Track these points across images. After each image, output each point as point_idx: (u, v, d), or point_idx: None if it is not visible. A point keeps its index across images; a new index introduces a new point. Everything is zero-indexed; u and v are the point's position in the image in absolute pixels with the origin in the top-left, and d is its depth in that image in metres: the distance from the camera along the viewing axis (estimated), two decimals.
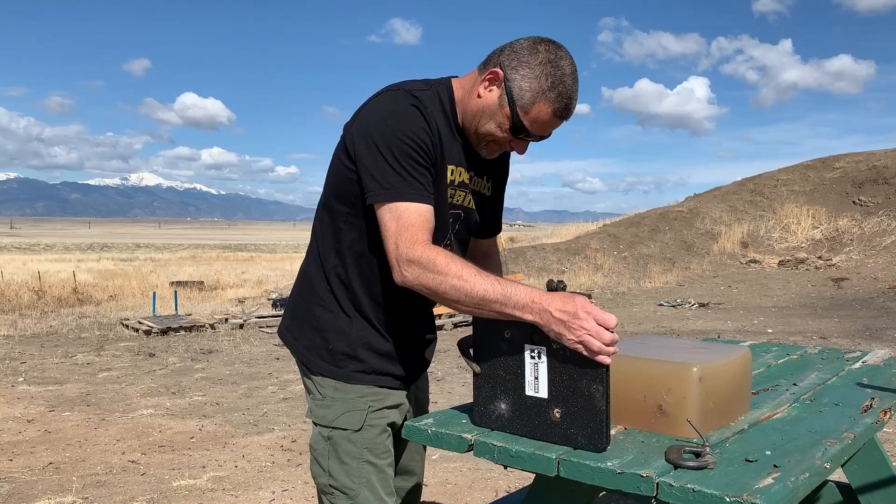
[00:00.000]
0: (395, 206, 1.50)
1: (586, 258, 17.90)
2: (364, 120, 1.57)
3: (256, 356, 8.43)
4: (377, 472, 1.66)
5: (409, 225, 1.49)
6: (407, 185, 1.50)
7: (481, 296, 1.41)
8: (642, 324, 10.81)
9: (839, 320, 10.87)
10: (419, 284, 1.48)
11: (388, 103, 1.56)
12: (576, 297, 1.38)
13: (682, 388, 1.46)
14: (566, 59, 1.55)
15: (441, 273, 1.44)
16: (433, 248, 1.48)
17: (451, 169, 1.64)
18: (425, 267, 1.45)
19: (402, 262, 1.48)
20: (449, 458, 4.36)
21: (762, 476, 1.24)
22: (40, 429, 5.24)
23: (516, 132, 1.59)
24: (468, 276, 1.43)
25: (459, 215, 1.71)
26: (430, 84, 1.64)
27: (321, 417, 1.70)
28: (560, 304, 1.37)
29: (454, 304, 1.46)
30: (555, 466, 1.36)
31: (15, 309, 12.84)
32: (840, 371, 2.16)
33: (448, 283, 1.44)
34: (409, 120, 1.53)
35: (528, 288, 1.42)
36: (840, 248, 18.34)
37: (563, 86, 1.54)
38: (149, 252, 47.47)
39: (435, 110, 1.59)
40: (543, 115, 1.55)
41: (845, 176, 21.37)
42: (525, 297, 1.40)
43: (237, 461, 4.48)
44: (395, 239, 1.49)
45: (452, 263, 1.45)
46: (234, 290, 16.64)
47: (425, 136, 1.53)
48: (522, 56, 1.55)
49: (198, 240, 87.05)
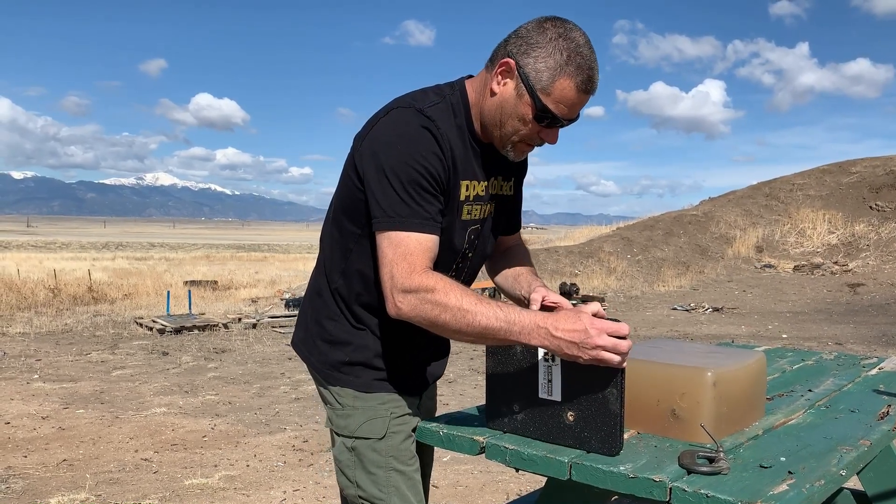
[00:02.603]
0: (395, 234, 1.44)
1: (599, 261, 17.84)
2: (373, 141, 1.50)
3: (269, 356, 8.46)
4: (405, 479, 1.62)
5: (407, 254, 1.42)
6: (412, 213, 1.44)
7: (484, 325, 1.36)
8: (655, 328, 10.76)
9: (855, 326, 10.77)
10: (416, 316, 1.41)
11: (400, 125, 1.48)
12: (581, 314, 1.34)
13: (695, 392, 1.45)
14: (576, 31, 1.47)
15: (439, 304, 1.38)
16: (432, 275, 1.41)
17: (466, 184, 1.57)
18: (422, 297, 1.39)
19: (396, 292, 1.41)
20: (460, 461, 4.36)
21: (777, 482, 1.23)
22: (55, 426, 5.28)
23: (542, 119, 1.50)
24: (469, 306, 1.36)
25: (478, 230, 1.65)
26: (442, 94, 1.56)
27: (342, 428, 1.65)
28: (568, 325, 1.32)
29: (455, 334, 1.41)
30: (567, 470, 1.35)
31: (31, 306, 12.96)
32: (856, 377, 2.14)
33: (448, 314, 1.37)
34: (420, 144, 1.46)
35: (533, 312, 1.38)
36: (856, 254, 18.17)
37: (580, 57, 1.45)
38: (163, 251, 47.79)
39: (448, 127, 1.52)
40: (568, 91, 1.47)
41: (862, 181, 21.18)
42: (529, 321, 1.35)
43: (249, 460, 4.50)
44: (390, 268, 1.42)
45: (452, 292, 1.38)
46: (248, 290, 16.71)
47: (436, 161, 1.47)
48: (530, 38, 1.47)
49: (212, 240, 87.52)
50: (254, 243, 73.83)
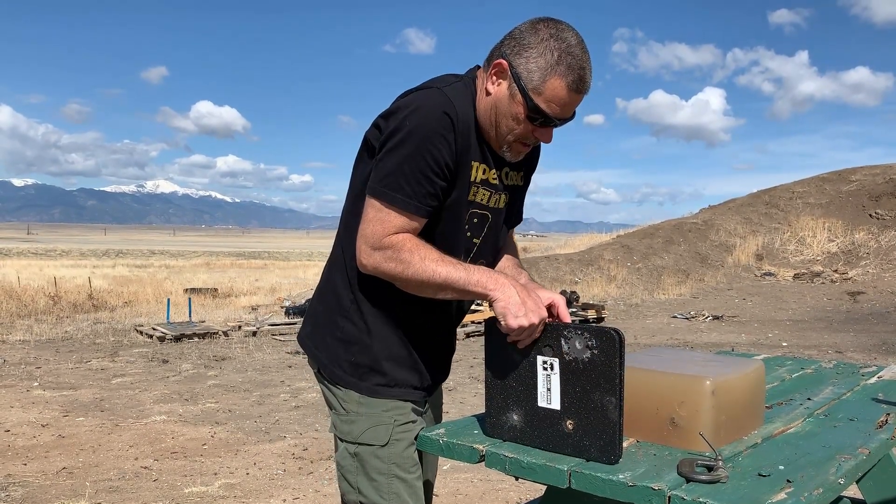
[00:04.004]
0: (380, 204, 1.51)
1: (599, 269, 17.84)
2: (392, 118, 1.52)
3: (269, 364, 8.46)
4: (407, 487, 1.63)
5: (385, 220, 1.50)
6: (404, 194, 1.49)
7: (444, 276, 1.47)
8: (655, 336, 10.75)
9: (855, 334, 10.77)
10: (381, 271, 1.52)
11: (420, 109, 1.50)
12: (539, 297, 1.48)
13: (694, 401, 1.46)
14: (569, 31, 1.50)
15: (403, 261, 1.48)
16: (398, 237, 1.50)
17: (476, 165, 1.59)
18: (388, 255, 1.49)
19: (366, 247, 1.52)
20: (460, 469, 4.35)
21: (775, 491, 1.23)
22: (54, 433, 5.28)
23: (534, 119, 1.53)
24: (430, 262, 1.48)
25: (486, 217, 1.66)
26: (459, 77, 1.61)
27: (346, 433, 1.65)
28: (524, 294, 1.45)
29: (418, 287, 1.51)
30: (566, 478, 1.35)
31: (31, 314, 12.97)
32: (855, 386, 2.14)
33: (411, 270, 1.48)
34: (434, 129, 1.49)
35: (494, 271, 1.51)
36: (856, 262, 18.17)
37: (571, 57, 1.48)
38: (163, 259, 47.80)
39: (466, 107, 1.55)
40: (559, 91, 1.50)
41: (862, 189, 21.20)
42: (490, 275, 1.48)
43: (249, 468, 4.49)
44: (367, 225, 1.52)
45: (417, 250, 1.49)
46: (248, 298, 16.72)
47: (445, 148, 1.50)
48: (523, 39, 1.51)
49: (212, 247, 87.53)
50: (254, 251, 73.86)
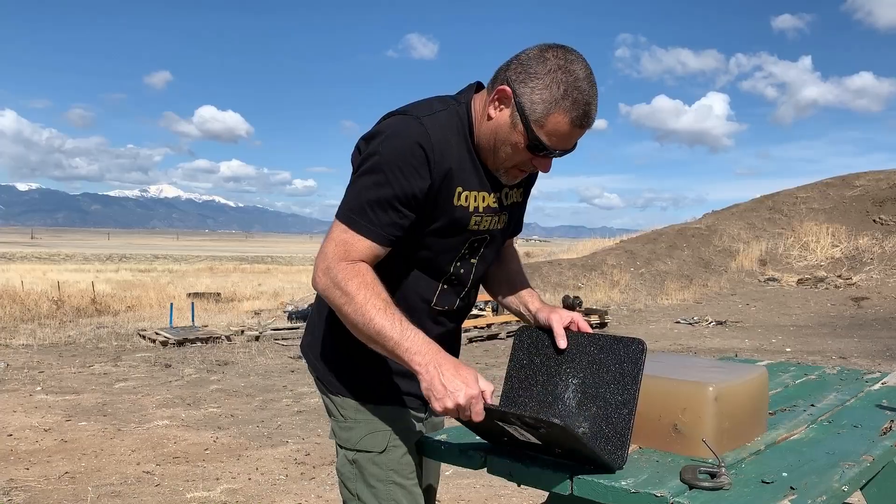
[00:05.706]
0: (344, 228, 1.49)
1: (603, 274, 17.82)
2: (367, 143, 1.52)
3: (272, 368, 8.46)
4: (406, 493, 1.63)
5: (347, 243, 1.48)
6: (367, 220, 1.48)
7: (378, 329, 1.41)
8: (658, 341, 10.73)
9: (859, 340, 10.74)
10: (326, 296, 1.48)
11: (391, 137, 1.48)
12: (469, 375, 1.38)
13: (697, 407, 1.45)
14: (578, 63, 1.45)
15: (347, 294, 1.43)
16: (357, 268, 1.46)
17: (466, 194, 1.55)
18: (336, 282, 1.45)
19: (322, 267, 1.48)
20: (463, 475, 4.34)
21: (778, 498, 1.23)
22: (57, 438, 5.28)
23: (534, 150, 1.49)
24: (371, 308, 1.42)
25: (485, 239, 1.65)
26: (447, 104, 1.56)
27: (345, 440, 1.66)
28: (448, 375, 1.37)
29: (353, 328, 1.46)
30: (569, 485, 1.35)
31: (34, 318, 12.99)
32: (859, 392, 2.14)
33: (350, 307, 1.43)
34: (404, 159, 1.46)
35: (430, 342, 1.42)
36: (860, 268, 18.13)
37: (577, 92, 1.43)
38: (167, 263, 47.86)
39: (448, 136, 1.51)
40: (561, 126, 1.45)
41: (866, 194, 21.17)
42: (423, 346, 1.40)
43: (251, 474, 4.49)
44: (328, 245, 1.49)
45: (362, 291, 1.43)
46: (251, 302, 16.73)
47: (415, 179, 1.47)
48: (530, 67, 1.45)
49: (215, 251, 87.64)
50: (257, 255, 73.91)
